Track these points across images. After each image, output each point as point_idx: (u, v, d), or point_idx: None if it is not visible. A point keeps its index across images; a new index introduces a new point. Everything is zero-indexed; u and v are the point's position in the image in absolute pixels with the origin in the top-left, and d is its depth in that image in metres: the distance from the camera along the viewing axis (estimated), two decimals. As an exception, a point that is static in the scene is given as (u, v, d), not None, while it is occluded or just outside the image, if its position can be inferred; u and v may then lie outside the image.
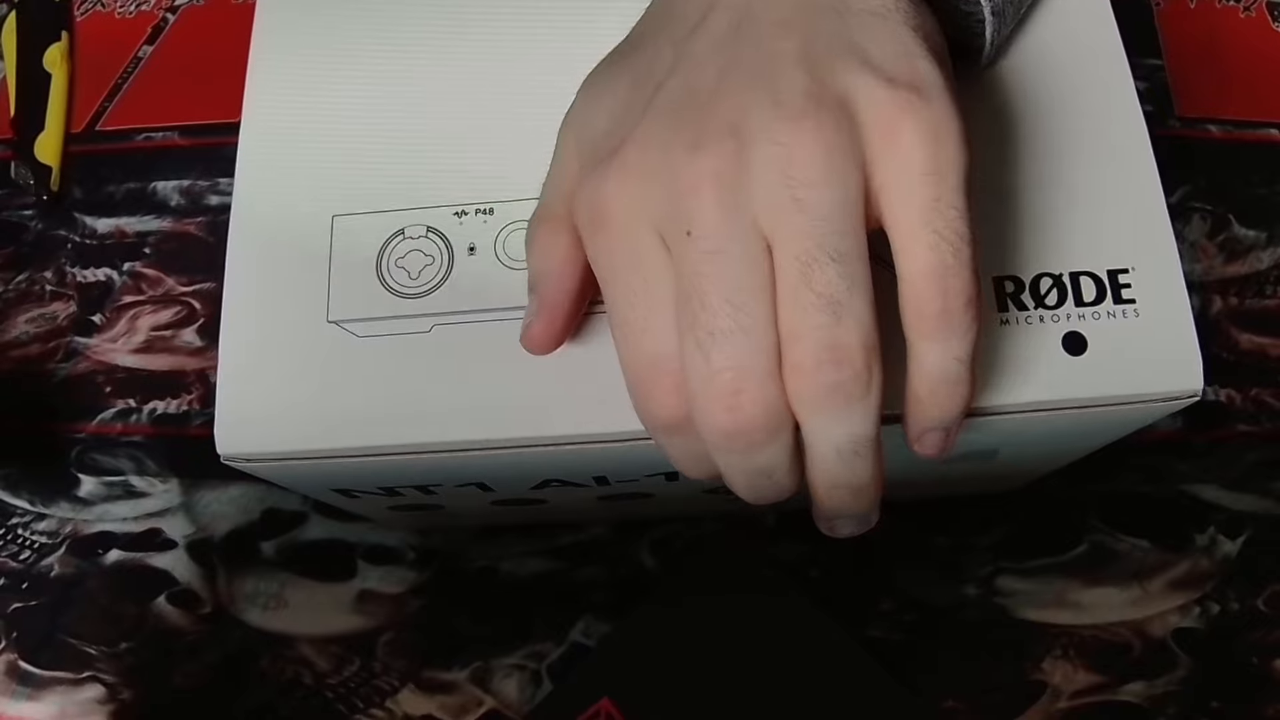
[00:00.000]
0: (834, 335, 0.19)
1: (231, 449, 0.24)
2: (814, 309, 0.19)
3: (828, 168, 0.19)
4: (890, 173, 0.19)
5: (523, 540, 0.35)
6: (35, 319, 0.38)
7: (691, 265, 0.19)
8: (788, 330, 0.19)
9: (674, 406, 0.20)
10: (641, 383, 0.20)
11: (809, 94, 0.19)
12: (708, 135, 0.19)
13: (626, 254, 0.20)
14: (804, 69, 0.19)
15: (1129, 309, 0.24)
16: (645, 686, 0.31)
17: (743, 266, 0.19)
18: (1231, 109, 0.39)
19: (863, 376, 0.19)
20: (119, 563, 0.35)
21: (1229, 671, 0.33)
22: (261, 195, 0.26)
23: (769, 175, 0.19)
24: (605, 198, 0.20)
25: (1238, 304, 0.37)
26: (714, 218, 0.19)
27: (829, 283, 0.19)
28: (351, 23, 0.27)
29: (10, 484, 0.36)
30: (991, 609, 0.34)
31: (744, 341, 0.19)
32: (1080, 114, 0.25)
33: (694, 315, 0.19)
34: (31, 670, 0.34)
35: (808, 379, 0.19)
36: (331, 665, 0.34)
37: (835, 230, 0.19)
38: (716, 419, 0.19)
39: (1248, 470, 0.35)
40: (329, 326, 0.24)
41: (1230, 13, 0.41)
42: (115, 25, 0.42)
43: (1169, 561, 0.34)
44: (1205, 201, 0.38)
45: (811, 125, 0.19)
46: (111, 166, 0.40)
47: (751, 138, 0.19)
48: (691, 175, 0.19)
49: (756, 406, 0.19)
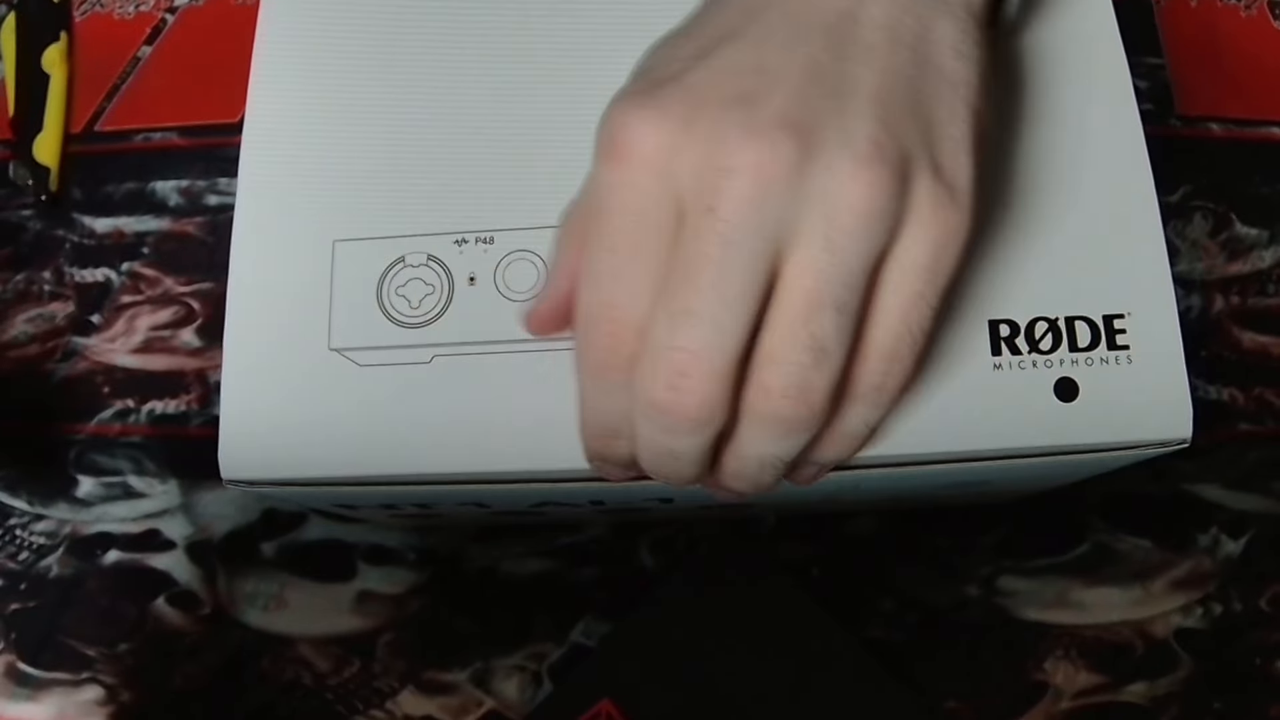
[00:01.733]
0: (808, 377, 0.19)
1: (236, 474, 0.24)
2: (801, 348, 0.19)
3: (867, 224, 0.19)
4: (902, 252, 0.20)
5: (522, 541, 0.35)
6: (34, 319, 0.38)
7: (700, 241, 0.19)
8: (768, 350, 0.19)
9: (614, 358, 0.20)
10: (590, 321, 0.20)
11: (877, 144, 0.19)
12: (768, 123, 0.19)
13: (634, 196, 0.19)
14: (876, 112, 0.19)
15: (1122, 355, 0.23)
16: (646, 687, 0.30)
17: (747, 266, 0.19)
18: (1233, 107, 0.39)
19: (816, 418, 0.20)
20: (118, 564, 0.35)
21: (1231, 672, 0.33)
22: (264, 217, 0.25)
23: (815, 204, 0.19)
24: (636, 130, 0.19)
25: (1240, 303, 0.37)
26: (743, 210, 0.19)
27: (824, 329, 0.19)
28: (354, 44, 0.27)
29: (9, 485, 0.36)
30: (993, 609, 0.34)
31: (713, 334, 0.19)
32: (1083, 155, 0.25)
33: (678, 287, 0.19)
34: (30, 671, 0.34)
35: (767, 403, 0.20)
36: (331, 666, 0.34)
37: (847, 283, 0.19)
38: (654, 391, 0.19)
39: (1250, 470, 0.35)
40: (331, 354, 0.24)
41: (1231, 11, 0.41)
42: (114, 26, 0.42)
43: (1171, 561, 0.34)
44: (1207, 200, 0.38)
45: (871, 178, 0.19)
46: (110, 167, 0.40)
47: (814, 155, 0.19)
48: (739, 157, 0.19)
49: (694, 396, 0.19)
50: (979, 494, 0.31)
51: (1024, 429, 0.23)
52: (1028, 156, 0.25)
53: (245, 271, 0.25)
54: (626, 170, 0.19)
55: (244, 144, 0.26)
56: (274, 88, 0.27)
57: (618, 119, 0.20)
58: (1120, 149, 0.25)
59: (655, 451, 0.21)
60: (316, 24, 0.27)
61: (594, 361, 0.20)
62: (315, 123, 0.26)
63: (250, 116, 0.26)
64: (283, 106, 0.26)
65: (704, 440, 0.20)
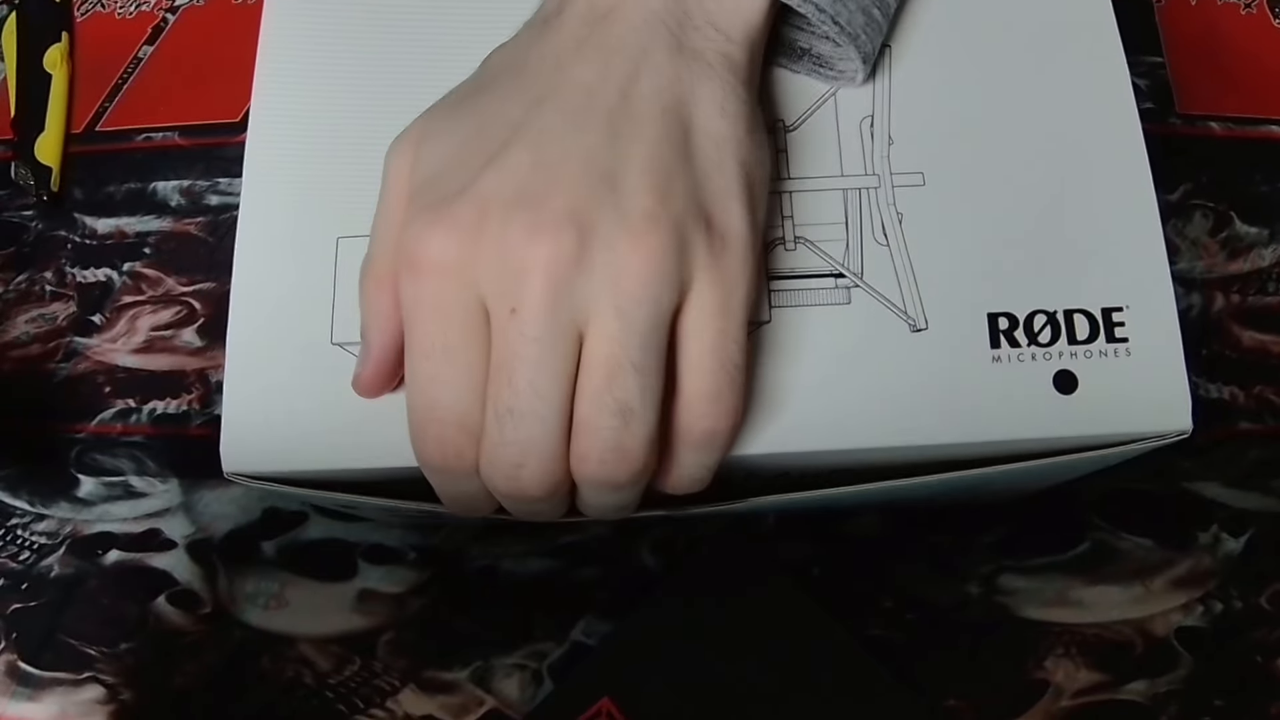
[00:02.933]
0: (620, 438, 0.21)
1: (237, 466, 0.24)
2: (608, 412, 0.21)
3: (652, 289, 0.20)
4: (694, 301, 0.21)
5: (523, 540, 0.35)
6: (35, 319, 0.38)
7: (510, 344, 0.21)
8: (581, 421, 0.21)
9: (446, 454, 0.22)
10: (419, 425, 0.22)
11: (651, 216, 0.21)
12: (549, 221, 0.20)
13: (438, 306, 0.21)
14: (648, 184, 0.21)
15: (1121, 347, 0.24)
16: (646, 686, 0.30)
17: (554, 356, 0.21)
18: (1233, 106, 0.39)
19: (640, 471, 0.22)
20: (119, 563, 0.35)
21: (1232, 670, 0.33)
22: (268, 213, 0.26)
23: (601, 280, 0.20)
24: (430, 247, 0.21)
25: (1240, 301, 0.37)
26: (542, 306, 0.20)
27: (626, 390, 0.21)
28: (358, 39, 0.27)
29: (10, 484, 0.36)
30: (993, 608, 0.34)
31: (536, 424, 0.21)
32: (1082, 149, 0.25)
33: (499, 389, 0.21)
34: (31, 671, 0.34)
35: (591, 468, 0.21)
36: (332, 665, 0.34)
37: (642, 345, 0.21)
38: (497, 481, 0.22)
39: (1250, 468, 0.35)
40: (334, 349, 0.24)
41: (1231, 10, 0.41)
42: (115, 26, 0.42)
43: (1171, 560, 0.34)
44: (1206, 199, 0.38)
45: (648, 247, 0.20)
46: (111, 167, 0.40)
47: (592, 239, 0.20)
48: (527, 258, 0.20)
49: (534, 478, 0.21)
50: (979, 493, 0.31)
51: (1023, 421, 0.23)
52: (1026, 152, 0.25)
53: (249, 267, 0.25)
54: (429, 283, 0.21)
55: (249, 140, 0.26)
56: (279, 84, 0.27)
57: (415, 238, 0.21)
58: (1117, 142, 0.25)
59: (520, 513, 0.23)
60: (321, 18, 0.27)
61: (431, 461, 0.22)
62: (320, 119, 0.26)
63: (255, 112, 0.27)
64: (287, 103, 0.27)
65: (557, 502, 0.22)
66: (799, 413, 0.24)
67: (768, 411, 0.24)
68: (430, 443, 0.22)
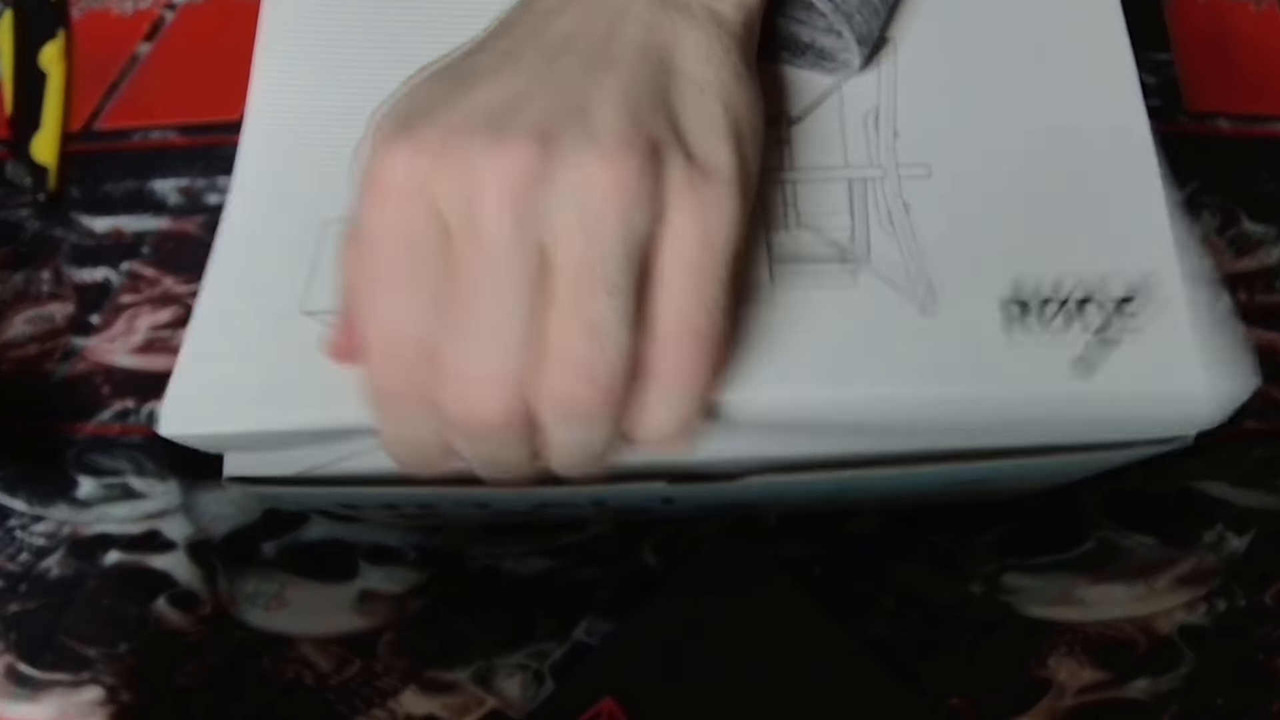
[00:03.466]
0: (594, 366, 0.20)
1: (174, 428, 0.23)
2: (581, 337, 0.20)
3: (621, 207, 0.19)
4: (670, 233, 0.20)
5: (525, 540, 0.35)
6: (32, 319, 0.38)
7: (469, 262, 0.20)
8: (552, 350, 0.20)
9: (401, 382, 0.21)
10: (378, 355, 0.21)
11: (623, 136, 0.20)
12: (513, 134, 0.20)
13: (400, 226, 0.20)
14: (621, 110, 0.20)
15: (1136, 335, 0.24)
16: (648, 686, 0.30)
17: (518, 273, 0.19)
18: (1241, 104, 0.39)
19: (609, 403, 0.20)
20: (118, 564, 0.35)
21: (1235, 668, 0.33)
22: (256, 192, 0.26)
23: (566, 198, 0.19)
24: (392, 163, 0.20)
25: (1247, 299, 0.37)
26: (501, 218, 0.19)
27: (599, 313, 0.20)
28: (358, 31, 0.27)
29: (8, 485, 0.36)
30: (996, 606, 0.34)
31: (498, 350, 0.20)
32: (1093, 134, 0.25)
33: (458, 311, 0.20)
34: (31, 672, 0.34)
35: (560, 402, 0.20)
36: (333, 666, 0.34)
37: (615, 267, 0.20)
38: (455, 412, 0.20)
39: (1255, 466, 0.35)
40: (302, 316, 0.24)
41: (1241, 7, 0.41)
42: (113, 23, 0.42)
43: (1175, 558, 0.34)
44: (1214, 196, 0.38)
45: (618, 166, 0.19)
46: (109, 165, 0.40)
47: (558, 155, 0.19)
48: (488, 171, 0.19)
49: (495, 409, 0.20)
50: (981, 490, 0.31)
51: (1038, 406, 0.23)
52: (1032, 144, 0.25)
53: (231, 236, 0.25)
54: (388, 203, 0.20)
55: (245, 127, 0.26)
56: (278, 72, 0.27)
57: (377, 164, 0.20)
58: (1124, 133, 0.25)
59: (480, 460, 0.22)
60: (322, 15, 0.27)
61: (388, 390, 0.21)
62: (317, 107, 0.26)
63: (253, 99, 0.27)
64: (286, 91, 0.27)
65: (520, 444, 0.21)
66: (804, 389, 0.23)
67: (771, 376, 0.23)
68: (390, 369, 0.21)
